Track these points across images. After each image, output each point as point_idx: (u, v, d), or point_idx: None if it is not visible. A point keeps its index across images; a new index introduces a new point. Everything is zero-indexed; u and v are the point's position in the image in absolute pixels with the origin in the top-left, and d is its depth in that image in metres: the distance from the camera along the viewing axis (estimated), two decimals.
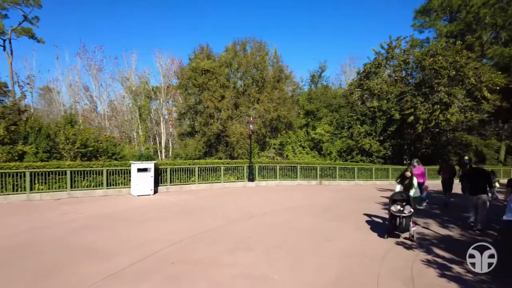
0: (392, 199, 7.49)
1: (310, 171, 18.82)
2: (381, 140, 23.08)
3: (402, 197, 7.49)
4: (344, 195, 14.71)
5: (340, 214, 10.19)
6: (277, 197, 13.31)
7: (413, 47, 23.77)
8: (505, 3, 27.43)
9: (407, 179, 7.87)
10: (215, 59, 25.47)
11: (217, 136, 24.71)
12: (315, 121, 25.11)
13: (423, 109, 20.33)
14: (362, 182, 20.13)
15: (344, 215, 9.96)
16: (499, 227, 8.45)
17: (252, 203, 11.76)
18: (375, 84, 22.85)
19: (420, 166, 11.47)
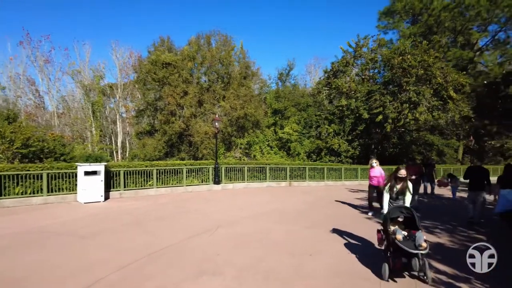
0: (389, 218, 5.17)
1: (279, 172, 17.80)
2: (350, 140, 22.66)
3: (404, 214, 5.19)
4: (316, 197, 13.80)
5: (317, 220, 9.15)
6: (247, 202, 12.06)
7: (381, 46, 23.64)
8: (464, 7, 28.26)
9: (401, 182, 5.63)
10: (177, 52, 23.75)
11: (180, 135, 23.02)
12: (283, 120, 24.22)
13: (392, 108, 20.11)
14: (332, 183, 19.47)
15: (322, 221, 8.92)
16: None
17: (219, 209, 10.42)
18: (343, 82, 22.39)
19: (379, 167, 10.12)
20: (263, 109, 24.27)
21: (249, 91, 23.58)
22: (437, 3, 29.74)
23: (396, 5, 32.64)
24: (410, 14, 32.41)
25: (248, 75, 24.59)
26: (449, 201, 14.13)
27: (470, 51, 28.88)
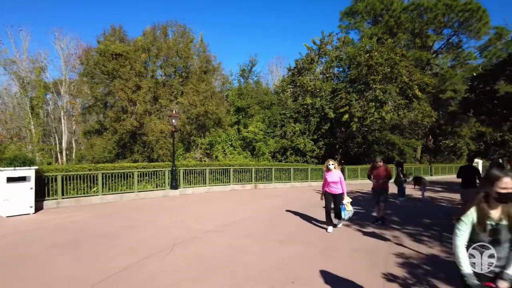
0: None
1: (244, 174, 16.43)
2: (315, 139, 21.88)
3: None
4: (285, 201, 12.57)
5: (292, 231, 7.87)
6: (208, 210, 10.52)
7: (345, 44, 23.15)
8: (422, 9, 28.79)
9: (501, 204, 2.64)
10: (130, 43, 21.54)
11: (132, 135, 20.83)
12: (247, 119, 22.89)
13: (358, 107, 19.57)
14: (298, 184, 18.49)
15: (298, 233, 7.67)
16: None
17: (176, 221, 8.79)
18: (308, 80, 21.55)
19: (338, 171, 7.95)
20: (225, 107, 22.78)
21: (210, 87, 21.97)
22: (397, 4, 30.14)
23: (357, 6, 32.71)
24: (371, 15, 32.60)
25: (208, 70, 22.96)
26: (420, 201, 13.62)
27: (428, 52, 29.53)
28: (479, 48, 30.78)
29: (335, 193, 7.85)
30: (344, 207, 7.87)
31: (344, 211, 7.83)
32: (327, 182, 7.90)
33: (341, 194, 7.84)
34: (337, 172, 7.91)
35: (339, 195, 7.84)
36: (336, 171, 7.88)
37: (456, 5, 27.92)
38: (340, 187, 7.80)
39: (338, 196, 7.84)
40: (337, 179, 7.81)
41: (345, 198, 7.86)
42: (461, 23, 29.21)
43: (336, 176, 7.83)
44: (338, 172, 7.93)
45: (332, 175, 7.81)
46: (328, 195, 7.99)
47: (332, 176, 7.81)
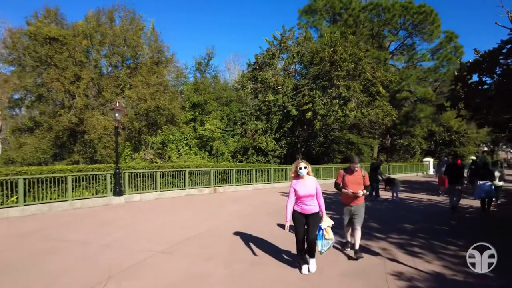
0: None
1: (202, 177, 14.65)
2: (277, 138, 20.65)
3: None
4: (250, 207, 11.06)
5: (265, 248, 6.37)
6: (159, 222, 8.66)
7: (307, 39, 22.22)
8: (381, 9, 28.91)
9: None
10: (69, 27, 18.73)
11: (72, 132, 18.13)
12: (204, 116, 21.06)
13: (321, 104, 18.65)
14: (261, 186, 17.10)
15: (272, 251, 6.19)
16: None
17: (115, 239, 6.87)
18: (270, 75, 20.26)
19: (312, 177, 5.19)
20: (179, 102, 20.76)
21: (162, 80, 19.85)
22: (356, 3, 30.02)
23: (316, 4, 32.16)
24: (330, 13, 32.22)
25: (161, 61, 20.78)
26: (392, 202, 12.84)
27: (386, 52, 29.74)
28: (431, 51, 31.73)
29: (310, 212, 5.02)
30: (322, 233, 5.15)
31: (321, 240, 5.16)
32: (298, 196, 5.01)
33: (318, 214, 5.10)
34: (311, 180, 5.09)
35: (314, 216, 5.04)
36: (310, 178, 5.10)
37: (411, 7, 28.39)
38: (316, 202, 5.07)
39: (313, 217, 5.03)
40: (313, 191, 5.00)
41: (324, 220, 5.16)
42: (416, 25, 29.82)
43: (312, 187, 5.01)
44: (313, 180, 5.10)
45: (305, 184, 5.00)
46: (299, 217, 5.07)
47: (305, 186, 4.99)
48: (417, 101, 32.57)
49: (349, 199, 5.97)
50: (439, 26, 29.02)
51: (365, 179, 6.01)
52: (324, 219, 5.14)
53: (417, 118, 34.02)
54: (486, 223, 9.59)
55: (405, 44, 32.64)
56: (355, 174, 5.94)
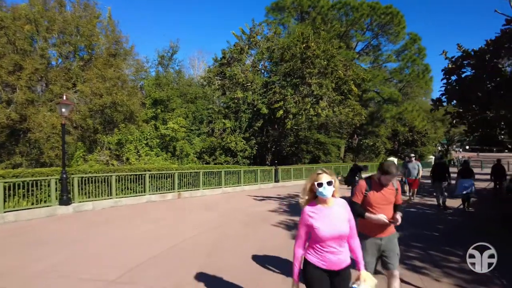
0: None
1: (164, 181, 13.18)
2: (247, 138, 19.52)
3: None
4: (220, 215, 9.83)
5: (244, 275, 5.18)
6: (111, 239, 7.15)
7: (277, 35, 21.34)
8: (349, 8, 28.76)
9: None
10: (8, 10, 16.37)
11: (12, 131, 15.83)
12: (167, 113, 19.44)
13: (293, 102, 17.80)
14: (231, 190, 15.90)
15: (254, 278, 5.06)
16: None
17: (50, 265, 5.32)
18: (239, 71, 19.11)
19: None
20: (139, 98, 18.98)
21: (120, 73, 17.98)
22: (324, 1, 29.66)
23: (284, 1, 31.48)
24: (298, 11, 31.66)
25: (119, 53, 18.88)
26: None
27: (354, 52, 29.66)
28: (396, 52, 32.19)
29: (339, 267, 2.67)
30: None
31: None
32: (320, 237, 2.62)
33: (348, 268, 2.72)
34: (341, 205, 2.74)
35: (345, 273, 2.71)
36: (338, 202, 2.75)
37: (378, 7, 28.53)
38: (347, 247, 2.75)
39: (344, 275, 2.71)
40: (345, 228, 2.66)
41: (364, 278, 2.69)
42: (382, 26, 30.03)
43: (343, 219, 2.68)
44: (343, 207, 2.75)
45: (331, 216, 2.66)
46: (318, 276, 2.67)
47: (331, 219, 2.65)
48: (383, 102, 32.91)
49: (376, 229, 3.65)
50: (404, 27, 29.46)
51: (398, 195, 3.78)
52: (363, 276, 2.71)
53: (382, 118, 34.44)
54: (473, 225, 9.17)
55: (371, 45, 32.86)
56: (385, 190, 3.65)
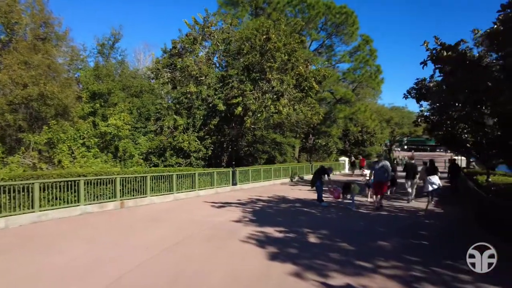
0: None
1: (104, 187, 10.99)
2: (201, 137, 17.70)
3: None
4: (176, 230, 8.03)
5: None
6: (24, 274, 5.13)
7: (234, 26, 19.87)
8: (305, 6, 28.23)
9: None
10: None
11: None
12: (107, 109, 16.95)
13: (253, 98, 16.44)
14: (184, 195, 14.05)
15: None
16: None
17: None
18: (192, 62, 17.28)
19: None
20: (74, 91, 16.31)
21: (51, 61, 15.23)
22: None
23: None
24: (253, 6, 30.38)
25: (49, 37, 16.04)
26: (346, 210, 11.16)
27: (310, 51, 29.19)
28: (349, 53, 32.40)
29: None
30: None
31: None
32: None
33: None
34: None
35: None
36: None
37: (333, 6, 28.40)
38: None
39: None
40: None
41: None
42: (337, 26, 29.94)
43: None
44: None
45: None
46: None
47: None
48: (336, 102, 32.98)
49: None
50: (357, 28, 29.68)
51: None
52: None
53: (334, 118, 34.58)
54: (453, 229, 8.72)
55: (325, 45, 32.70)
56: None
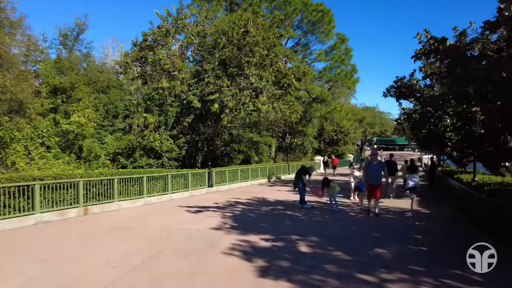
0: None
1: (64, 192, 9.71)
2: (174, 136, 16.56)
3: None
4: (148, 242, 6.95)
5: None
6: None
7: (209, 19, 18.88)
8: (282, 2, 27.66)
9: None
10: None
11: None
12: (70, 105, 15.45)
13: (230, 95, 15.54)
14: (156, 199, 12.93)
15: None
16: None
17: None
18: (165, 56, 16.13)
19: None
20: (32, 85, 14.69)
21: (3, 50, 13.57)
22: None
23: None
24: (228, 1, 29.49)
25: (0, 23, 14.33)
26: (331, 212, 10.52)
27: (286, 48, 28.64)
28: (325, 51, 32.18)
29: None
30: None
31: None
32: None
33: None
34: None
35: None
36: None
37: (310, 4, 28.03)
38: None
39: None
40: None
41: None
42: (313, 24, 29.60)
43: None
44: None
45: None
46: None
47: None
48: (312, 101, 32.71)
49: None
50: (334, 27, 29.52)
51: None
52: None
53: (310, 117, 34.36)
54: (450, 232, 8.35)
55: (301, 43, 32.31)
56: None
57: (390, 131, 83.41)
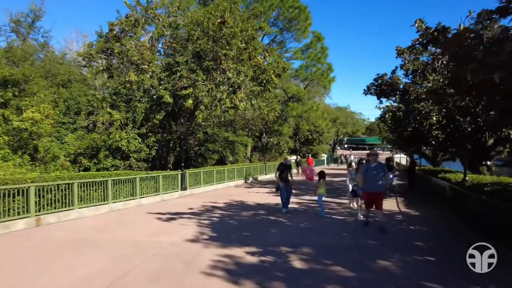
0: None
1: (11, 200, 8.24)
2: (143, 134, 15.15)
3: None
4: (112, 261, 5.72)
5: None
6: None
7: (182, 10, 17.61)
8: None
9: None
10: None
11: None
12: (23, 99, 13.67)
13: (205, 91, 14.38)
14: (122, 205, 11.55)
15: None
16: None
17: None
18: (133, 46, 14.71)
19: None
20: None
21: None
22: None
23: None
24: None
25: None
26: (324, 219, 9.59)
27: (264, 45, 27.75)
28: (300, 50, 31.59)
29: None
30: None
31: None
32: None
33: None
34: None
35: None
36: None
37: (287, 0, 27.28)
38: None
39: None
40: None
41: None
42: (290, 21, 28.92)
43: None
44: None
45: None
46: None
47: None
48: (288, 99, 32.07)
49: None
50: (310, 24, 28.99)
51: None
52: None
53: (286, 116, 33.72)
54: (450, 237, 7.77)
55: (276, 40, 31.54)
56: None
57: (361, 131, 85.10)
